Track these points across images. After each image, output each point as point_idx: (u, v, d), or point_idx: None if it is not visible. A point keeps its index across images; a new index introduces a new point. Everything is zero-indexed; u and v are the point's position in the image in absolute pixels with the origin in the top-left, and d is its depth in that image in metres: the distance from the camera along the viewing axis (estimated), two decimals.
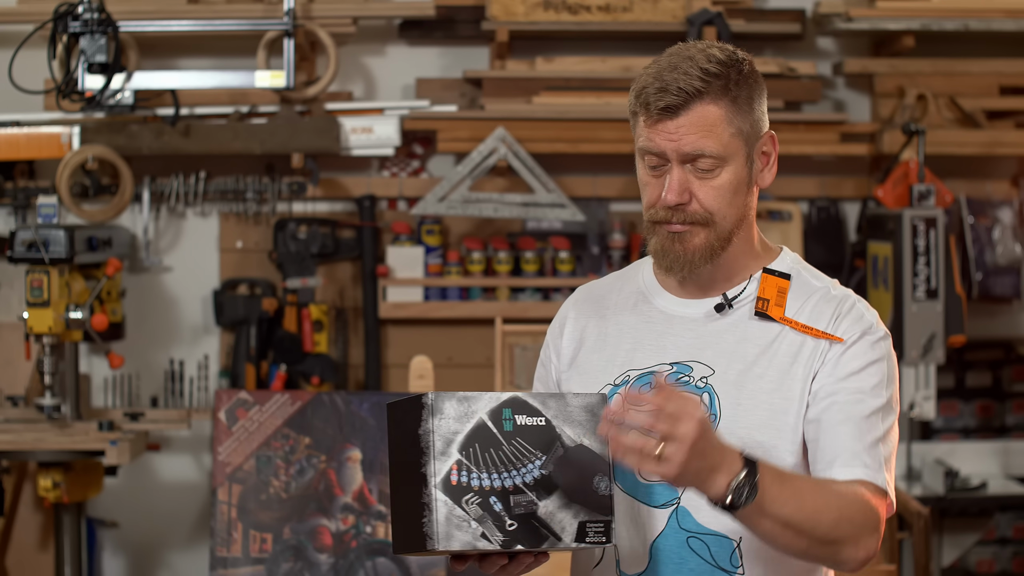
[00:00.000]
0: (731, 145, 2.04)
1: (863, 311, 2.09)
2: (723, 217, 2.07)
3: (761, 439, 2.03)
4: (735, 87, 2.04)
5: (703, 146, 2.02)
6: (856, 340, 2.05)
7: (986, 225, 4.70)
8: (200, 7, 4.49)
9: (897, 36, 4.57)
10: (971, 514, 4.63)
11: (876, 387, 2.04)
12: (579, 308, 2.25)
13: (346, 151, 4.53)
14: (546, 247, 4.65)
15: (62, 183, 4.29)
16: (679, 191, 2.04)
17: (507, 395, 2.00)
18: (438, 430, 1.94)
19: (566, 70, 4.56)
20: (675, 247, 2.07)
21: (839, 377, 2.04)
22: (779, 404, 2.04)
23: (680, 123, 2.02)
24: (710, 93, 2.02)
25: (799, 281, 2.13)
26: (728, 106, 2.03)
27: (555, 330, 2.27)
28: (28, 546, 4.42)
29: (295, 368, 4.50)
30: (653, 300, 2.17)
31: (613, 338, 2.17)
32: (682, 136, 2.02)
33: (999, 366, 4.85)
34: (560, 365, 2.24)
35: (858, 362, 2.04)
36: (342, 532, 3.23)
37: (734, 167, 2.06)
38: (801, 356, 2.06)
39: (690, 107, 2.02)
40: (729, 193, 2.06)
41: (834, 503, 1.96)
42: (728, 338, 2.09)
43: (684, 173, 2.04)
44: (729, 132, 2.04)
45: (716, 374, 2.07)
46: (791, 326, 2.07)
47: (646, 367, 2.11)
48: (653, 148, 2.05)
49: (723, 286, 2.12)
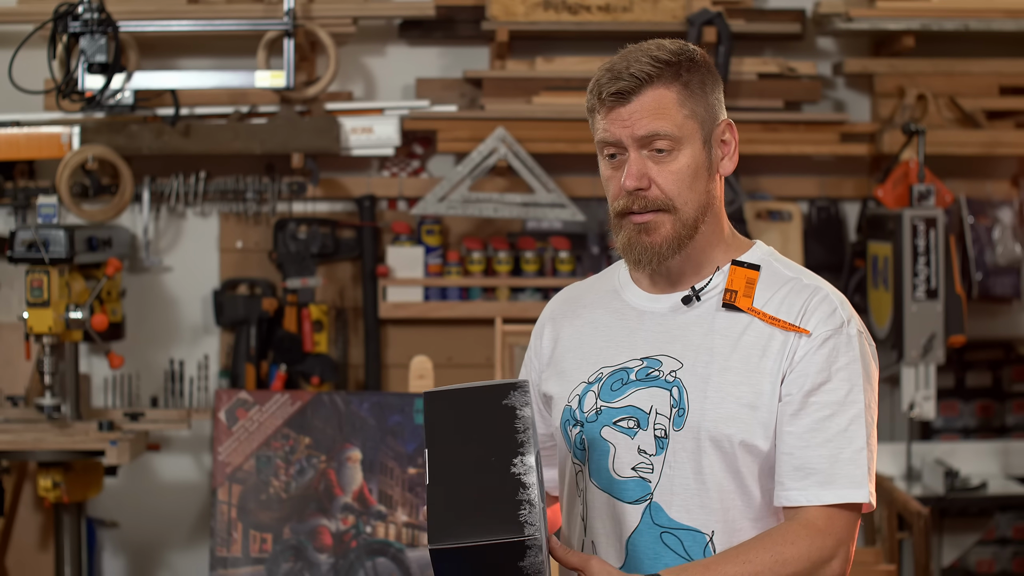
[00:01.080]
0: (685, 127, 2.07)
1: (836, 305, 2.09)
2: (684, 202, 2.08)
3: (729, 432, 2.05)
4: (686, 72, 2.08)
5: (657, 127, 2.05)
6: (827, 339, 2.05)
7: (986, 225, 4.70)
8: (200, 7, 4.49)
9: (897, 36, 4.57)
10: (971, 514, 4.63)
11: (850, 393, 2.04)
12: (558, 311, 2.29)
13: (346, 151, 4.53)
14: (546, 247, 4.65)
15: (62, 183, 4.29)
16: (637, 176, 2.06)
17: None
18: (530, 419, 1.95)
19: (566, 70, 4.56)
20: (641, 239, 2.09)
21: (808, 390, 2.04)
22: (747, 397, 2.05)
23: (632, 108, 2.06)
24: (661, 78, 2.06)
25: (769, 271, 2.14)
26: (680, 90, 2.07)
27: (536, 333, 2.31)
28: (28, 546, 4.42)
29: (295, 368, 4.50)
30: (625, 296, 2.19)
31: (587, 336, 2.20)
32: (635, 121, 2.05)
33: (999, 366, 4.85)
34: (540, 365, 2.27)
35: (825, 371, 2.04)
36: (342, 532, 3.23)
37: (691, 150, 2.08)
38: (770, 350, 2.06)
39: (642, 91, 2.05)
40: (688, 177, 2.08)
41: (767, 570, 1.97)
42: (696, 331, 2.11)
43: (641, 159, 2.07)
44: (683, 114, 2.07)
45: (684, 367, 2.09)
46: (759, 317, 2.08)
47: (618, 363, 2.14)
48: (609, 137, 2.08)
49: (692, 279, 2.14)
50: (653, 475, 2.07)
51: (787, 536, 2.00)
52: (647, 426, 2.08)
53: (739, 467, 2.05)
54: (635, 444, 2.08)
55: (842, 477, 2.02)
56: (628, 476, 2.08)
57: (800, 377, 2.04)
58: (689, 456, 2.06)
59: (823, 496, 2.01)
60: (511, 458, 1.91)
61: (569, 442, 2.16)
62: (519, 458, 1.91)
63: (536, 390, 2.27)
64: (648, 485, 2.07)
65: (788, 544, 1.99)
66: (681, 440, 2.06)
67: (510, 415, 1.94)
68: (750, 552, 1.99)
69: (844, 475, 2.02)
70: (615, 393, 2.11)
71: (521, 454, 1.91)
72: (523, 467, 1.90)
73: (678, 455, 2.06)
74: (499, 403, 1.95)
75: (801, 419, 2.04)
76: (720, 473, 2.05)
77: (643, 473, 2.07)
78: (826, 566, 2.01)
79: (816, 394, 2.04)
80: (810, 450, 2.02)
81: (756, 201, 4.64)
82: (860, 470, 2.02)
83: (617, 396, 2.11)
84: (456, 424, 1.96)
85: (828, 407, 2.03)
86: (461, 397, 1.97)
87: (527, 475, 1.89)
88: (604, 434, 2.10)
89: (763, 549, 1.99)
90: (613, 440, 2.10)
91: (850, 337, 2.07)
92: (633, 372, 2.11)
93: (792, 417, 2.04)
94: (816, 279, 2.14)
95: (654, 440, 2.07)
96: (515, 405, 1.95)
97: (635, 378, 2.11)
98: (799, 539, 1.99)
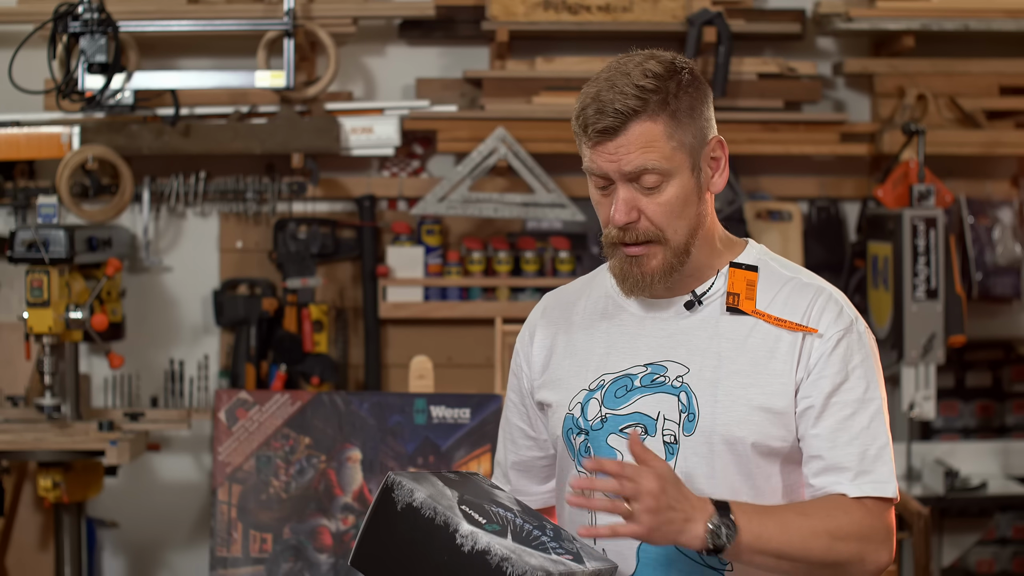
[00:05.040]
0: (674, 159, 2.03)
1: (842, 304, 2.10)
2: (674, 232, 2.06)
3: (741, 434, 2.04)
4: (674, 100, 2.02)
5: (644, 162, 2.01)
6: (841, 339, 2.06)
7: (986, 225, 4.70)
8: (200, 7, 4.49)
9: (897, 36, 4.57)
10: (971, 514, 4.63)
11: (867, 390, 2.06)
12: (548, 316, 2.25)
13: (346, 151, 4.53)
14: (546, 247, 4.64)
15: (62, 183, 4.29)
16: (626, 211, 2.03)
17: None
18: (426, 498, 1.94)
19: (566, 70, 4.55)
20: (633, 270, 2.07)
21: (828, 392, 2.04)
22: (758, 399, 2.05)
23: (619, 143, 2.01)
24: (647, 111, 2.00)
25: (767, 271, 2.13)
26: (667, 121, 2.02)
27: (524, 339, 2.27)
28: (28, 546, 4.42)
29: (295, 368, 4.50)
30: (622, 302, 2.17)
31: (584, 343, 2.17)
32: (622, 156, 2.01)
33: (999, 366, 4.84)
34: (532, 374, 2.24)
35: (843, 371, 2.05)
36: (342, 532, 3.23)
37: (679, 180, 2.04)
38: (779, 351, 2.06)
39: (627, 127, 2.00)
40: (678, 207, 2.05)
41: (822, 528, 1.98)
42: (700, 335, 2.10)
43: (630, 191, 2.03)
44: (671, 146, 2.02)
45: (691, 372, 2.08)
46: (764, 319, 2.08)
47: (620, 370, 2.12)
48: (596, 170, 2.05)
49: (691, 284, 2.13)
50: None
51: (840, 505, 2.01)
52: (655, 432, 2.06)
53: (751, 469, 2.05)
54: None
55: (872, 473, 2.03)
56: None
57: (819, 380, 2.04)
58: (701, 460, 2.05)
59: (854, 491, 2.03)
60: (452, 540, 1.90)
61: (572, 450, 2.14)
62: (457, 534, 1.91)
63: (528, 398, 2.26)
64: None
65: (842, 512, 2.00)
66: (692, 445, 2.05)
67: (413, 514, 1.93)
68: (807, 506, 2.02)
69: (874, 471, 2.03)
70: (619, 400, 2.10)
71: (455, 530, 1.90)
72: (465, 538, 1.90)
73: (689, 460, 2.05)
74: (395, 509, 1.94)
75: (825, 420, 2.04)
76: (733, 476, 2.05)
77: None
78: (876, 552, 2.01)
79: (837, 394, 2.04)
80: (838, 450, 2.03)
81: (756, 201, 4.64)
82: (887, 466, 2.04)
83: (622, 403, 2.09)
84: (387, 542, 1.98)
85: (849, 406, 2.04)
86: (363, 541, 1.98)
87: (476, 540, 1.90)
88: (610, 442, 2.09)
89: (819, 507, 2.01)
90: (620, 448, 2.08)
91: (860, 335, 2.08)
92: (637, 379, 2.10)
93: (816, 420, 2.04)
94: (814, 277, 2.14)
95: (663, 446, 2.06)
96: (408, 501, 1.94)
97: (640, 384, 2.09)
98: (852, 510, 2.01)
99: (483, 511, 1.96)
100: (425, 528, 1.92)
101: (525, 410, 2.27)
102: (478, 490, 2.04)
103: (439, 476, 2.04)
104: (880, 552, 2.02)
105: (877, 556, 2.02)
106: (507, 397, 2.31)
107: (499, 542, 1.88)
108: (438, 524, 1.92)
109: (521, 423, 2.29)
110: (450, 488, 2.00)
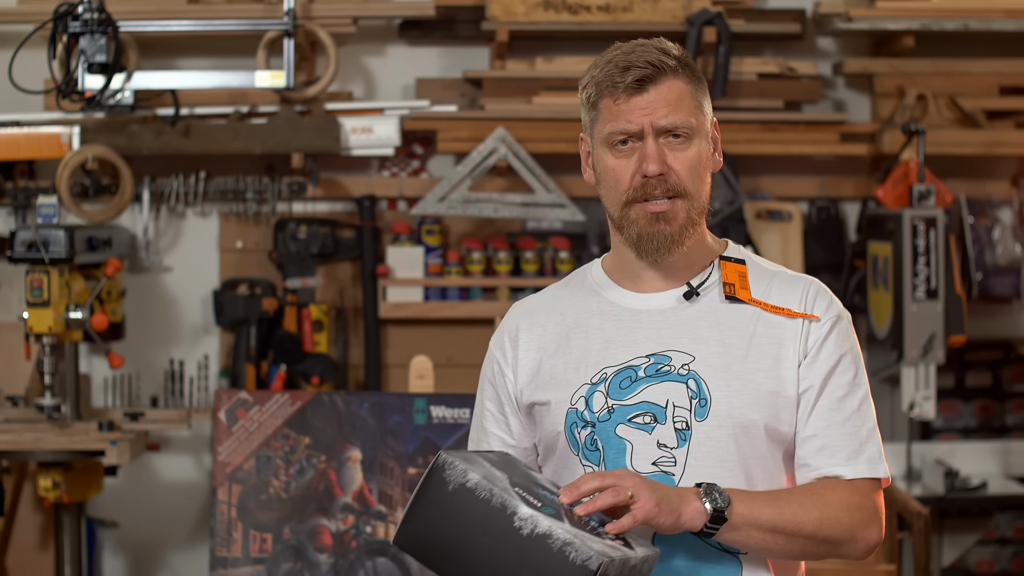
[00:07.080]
0: (697, 119, 2.11)
1: (831, 294, 2.18)
2: (697, 190, 2.12)
3: (755, 417, 2.08)
4: (689, 69, 2.12)
5: (676, 119, 2.08)
6: (833, 325, 2.13)
7: (986, 225, 4.70)
8: (200, 7, 4.49)
9: (897, 36, 4.57)
10: (971, 514, 4.63)
11: (856, 375, 2.13)
12: (530, 319, 2.25)
13: (346, 151, 4.53)
14: (546, 247, 4.65)
15: (62, 183, 4.29)
16: (660, 160, 2.08)
17: None
18: (480, 479, 1.91)
19: (566, 70, 4.55)
20: (660, 227, 2.10)
21: (825, 375, 2.11)
22: (767, 384, 2.09)
23: (651, 97, 2.08)
24: (676, 69, 2.09)
25: (752, 265, 2.20)
26: (689, 81, 2.11)
27: (504, 347, 2.25)
28: (28, 546, 4.42)
29: (295, 368, 4.50)
30: (613, 298, 2.19)
31: (579, 341, 2.18)
32: (656, 108, 2.07)
33: (999, 366, 4.84)
34: (519, 381, 2.22)
35: (836, 355, 2.12)
36: (342, 532, 3.23)
37: (699, 141, 2.12)
38: (784, 338, 2.11)
39: (659, 80, 2.08)
40: (699, 167, 2.12)
41: (811, 504, 2.04)
42: (702, 324, 2.13)
43: (659, 145, 2.09)
44: (693, 105, 2.11)
45: (697, 360, 2.10)
46: (763, 307, 2.13)
47: (622, 362, 2.13)
48: (627, 127, 2.08)
49: (684, 275, 2.16)
50: (676, 468, 2.07)
51: (830, 484, 2.08)
52: (665, 420, 2.08)
53: (764, 452, 2.09)
54: (653, 439, 2.08)
55: (863, 453, 2.10)
56: (649, 471, 2.07)
57: (817, 363, 2.11)
58: (715, 445, 2.08)
59: (848, 471, 2.08)
60: (510, 524, 1.87)
61: (577, 444, 2.13)
62: (515, 517, 1.88)
63: (510, 406, 2.24)
64: (671, 479, 2.07)
65: (831, 490, 2.06)
66: (705, 430, 2.07)
67: (467, 495, 1.90)
68: (797, 487, 2.09)
69: (865, 452, 2.10)
70: (625, 391, 2.11)
71: (513, 513, 1.88)
72: (525, 521, 1.88)
73: (703, 445, 2.07)
74: (446, 489, 1.90)
75: (821, 401, 2.10)
76: (748, 459, 2.08)
77: (665, 467, 2.08)
78: (865, 529, 2.07)
79: (832, 377, 2.11)
80: (832, 429, 2.09)
81: (756, 201, 4.64)
82: (876, 448, 2.11)
83: (628, 394, 2.10)
84: (435, 515, 1.93)
85: (841, 388, 2.11)
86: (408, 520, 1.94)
87: (536, 524, 1.87)
88: (619, 432, 2.10)
89: (809, 487, 2.08)
90: (629, 437, 2.09)
91: (848, 323, 2.16)
92: (641, 369, 2.11)
93: (813, 401, 2.10)
94: (794, 272, 2.22)
95: (675, 433, 2.08)
96: (462, 481, 1.91)
97: (644, 375, 2.11)
98: (841, 489, 2.07)
99: (535, 494, 1.94)
100: (480, 511, 1.89)
101: (504, 419, 2.25)
102: (520, 472, 2.03)
103: (483, 456, 2.02)
104: (870, 530, 2.08)
105: (867, 534, 2.07)
106: (482, 406, 2.28)
107: (559, 526, 1.86)
108: (495, 506, 1.88)
109: (499, 431, 2.26)
110: (498, 470, 1.97)
